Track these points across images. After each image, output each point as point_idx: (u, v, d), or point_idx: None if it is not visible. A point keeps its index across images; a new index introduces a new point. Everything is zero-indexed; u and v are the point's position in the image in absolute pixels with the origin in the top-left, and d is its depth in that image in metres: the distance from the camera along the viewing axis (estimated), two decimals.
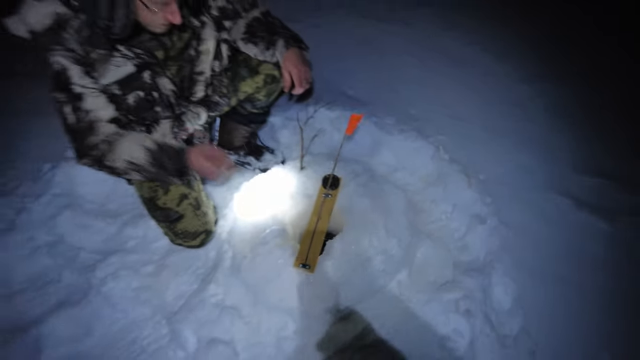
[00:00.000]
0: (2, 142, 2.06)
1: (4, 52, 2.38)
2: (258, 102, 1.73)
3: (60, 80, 1.13)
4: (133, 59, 1.21)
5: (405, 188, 1.89)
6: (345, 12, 2.79)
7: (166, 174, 1.26)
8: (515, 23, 2.61)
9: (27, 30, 1.06)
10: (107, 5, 0.98)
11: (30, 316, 1.55)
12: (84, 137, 1.20)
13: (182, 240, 1.58)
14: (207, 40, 1.39)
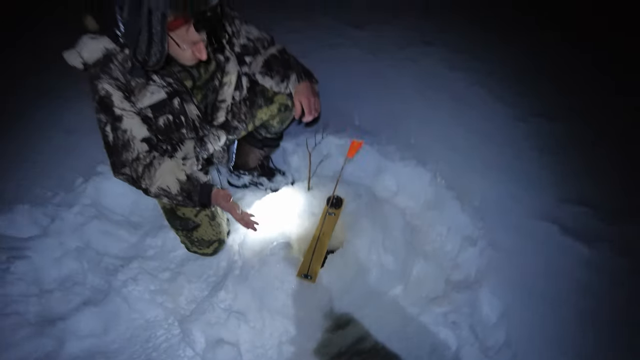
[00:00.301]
0: (44, 157, 2.29)
1: (60, 77, 2.66)
2: (272, 128, 1.93)
3: (104, 104, 1.33)
4: (165, 87, 1.41)
5: (405, 211, 2.03)
6: (358, 50, 3.01)
7: (191, 203, 1.45)
8: (517, 64, 2.79)
9: (81, 62, 1.28)
10: (145, 43, 1.19)
11: (57, 312, 1.71)
12: (120, 153, 1.39)
13: (197, 247, 1.74)
14: (230, 73, 1.60)
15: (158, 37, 1.19)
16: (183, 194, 1.43)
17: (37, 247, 1.88)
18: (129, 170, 1.41)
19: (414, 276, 1.76)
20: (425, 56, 2.87)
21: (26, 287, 1.75)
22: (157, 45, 1.21)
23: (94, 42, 1.29)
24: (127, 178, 1.44)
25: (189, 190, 1.43)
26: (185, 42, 1.25)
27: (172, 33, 1.21)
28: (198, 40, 1.26)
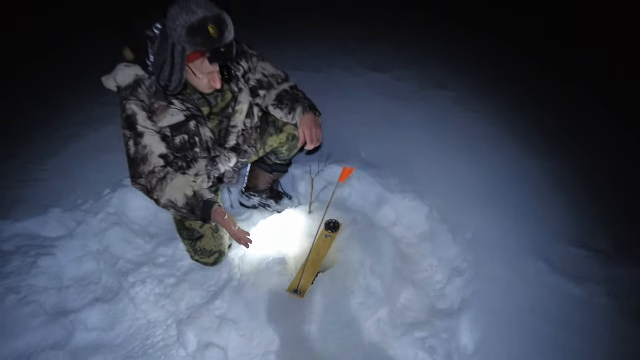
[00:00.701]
0: (79, 170, 2.56)
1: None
2: (281, 155, 2.11)
3: (130, 121, 1.55)
4: (184, 111, 1.62)
5: (401, 241, 2.13)
6: (373, 90, 3.21)
7: (194, 217, 1.62)
8: (522, 106, 2.91)
9: (115, 85, 1.52)
10: (168, 71, 1.41)
11: (72, 306, 1.88)
12: (139, 165, 1.59)
13: (200, 256, 1.90)
14: (242, 103, 1.80)
15: (178, 67, 1.41)
16: (187, 208, 1.60)
17: (63, 246, 2.09)
18: (144, 181, 1.60)
19: (401, 302, 1.83)
20: (437, 98, 3.03)
21: (48, 280, 1.94)
22: (178, 74, 1.43)
23: (127, 69, 1.52)
24: (142, 188, 1.63)
25: (192, 205, 1.60)
26: (201, 72, 1.47)
27: (191, 64, 1.43)
28: (212, 71, 1.47)
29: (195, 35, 1.32)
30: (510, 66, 3.53)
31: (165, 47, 1.41)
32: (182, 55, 1.39)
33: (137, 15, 4.41)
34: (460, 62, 3.59)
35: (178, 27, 1.32)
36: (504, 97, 3.05)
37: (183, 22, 1.31)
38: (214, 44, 1.37)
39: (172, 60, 1.41)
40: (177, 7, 1.33)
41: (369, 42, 4.01)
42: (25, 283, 1.90)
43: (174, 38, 1.36)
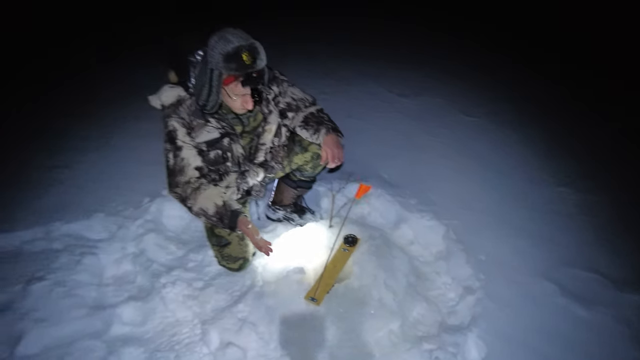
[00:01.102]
0: (121, 180, 2.81)
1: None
2: (306, 172, 2.26)
3: (171, 136, 1.75)
4: (219, 129, 1.81)
5: (417, 259, 2.22)
6: (400, 115, 3.36)
7: (222, 225, 1.78)
8: (545, 136, 2.97)
9: (159, 103, 1.73)
10: (206, 93, 1.61)
11: (109, 302, 2.06)
12: (176, 175, 1.78)
13: (226, 262, 2.06)
14: (271, 123, 1.98)
15: (215, 89, 1.62)
16: (217, 216, 1.77)
17: (104, 248, 2.30)
18: (180, 190, 1.78)
19: (413, 316, 1.91)
20: (459, 125, 3.14)
21: (90, 277, 2.15)
22: (214, 95, 1.63)
23: (171, 90, 1.74)
24: (177, 196, 1.81)
25: (221, 213, 1.76)
26: (235, 94, 1.65)
27: (226, 87, 1.62)
28: (244, 93, 1.65)
29: (231, 61, 1.52)
30: (534, 98, 3.60)
31: (204, 72, 1.62)
32: (219, 79, 1.59)
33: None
34: (487, 92, 3.69)
35: (216, 54, 1.52)
36: (524, 127, 3.12)
37: (220, 49, 1.51)
38: (246, 69, 1.56)
39: (210, 83, 1.61)
40: (216, 37, 1.54)
41: (398, 70, 4.17)
42: (70, 278, 2.10)
43: (213, 64, 1.56)
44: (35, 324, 1.91)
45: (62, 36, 5.71)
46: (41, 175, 2.93)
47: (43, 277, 2.09)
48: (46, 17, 6.43)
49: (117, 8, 6.87)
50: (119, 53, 5.07)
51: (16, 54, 5.22)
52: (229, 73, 1.56)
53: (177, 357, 1.81)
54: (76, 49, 5.33)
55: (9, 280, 2.12)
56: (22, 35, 5.83)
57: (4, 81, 4.41)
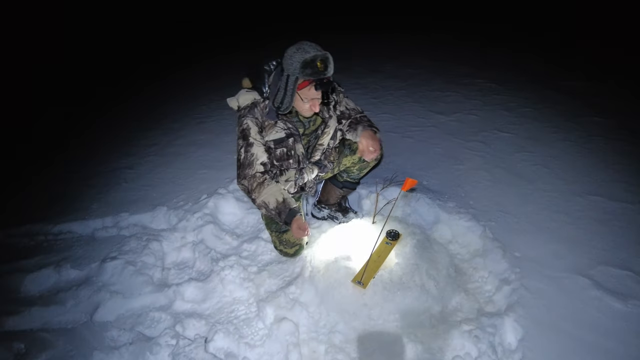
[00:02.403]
0: (181, 179, 3.11)
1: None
2: (352, 174, 2.47)
3: (244, 133, 2.00)
4: (285, 130, 2.05)
5: (455, 256, 2.36)
6: (438, 131, 3.55)
7: (279, 218, 2.00)
8: (579, 151, 3.09)
9: (237, 105, 2.00)
10: (281, 96, 1.87)
11: (172, 282, 2.29)
12: (245, 168, 2.01)
13: (283, 246, 2.27)
14: (330, 127, 2.21)
15: (290, 92, 1.87)
16: (276, 210, 1.99)
17: (167, 236, 2.55)
18: (247, 182, 2.01)
19: (452, 304, 2.04)
20: (495, 140, 3.30)
21: (155, 260, 2.39)
22: (288, 98, 1.89)
23: (247, 94, 2.01)
24: (244, 188, 2.04)
25: (280, 209, 1.98)
26: (306, 97, 1.89)
27: (300, 91, 1.87)
28: (315, 97, 1.89)
29: (307, 67, 1.76)
30: (562, 114, 3.74)
31: (280, 78, 1.88)
32: (295, 83, 1.83)
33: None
34: (522, 110, 3.85)
35: (294, 62, 1.77)
36: (559, 142, 3.25)
37: (299, 58, 1.76)
38: (319, 75, 1.80)
39: (285, 87, 1.86)
40: (294, 48, 1.80)
41: (437, 91, 4.40)
42: (139, 259, 2.36)
43: (289, 70, 1.81)
44: (111, 295, 2.16)
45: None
46: (109, 174, 3.27)
47: (116, 257, 2.35)
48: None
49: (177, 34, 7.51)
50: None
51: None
52: (304, 78, 1.80)
53: (235, 329, 1.99)
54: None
55: (87, 259, 2.40)
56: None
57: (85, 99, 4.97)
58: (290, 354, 1.84)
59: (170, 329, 1.95)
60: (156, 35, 7.66)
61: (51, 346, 1.89)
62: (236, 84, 2.07)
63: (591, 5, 7.15)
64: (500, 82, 4.53)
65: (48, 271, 2.33)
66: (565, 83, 4.40)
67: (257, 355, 1.87)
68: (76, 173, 3.38)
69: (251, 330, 2.00)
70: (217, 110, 4.30)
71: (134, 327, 2.04)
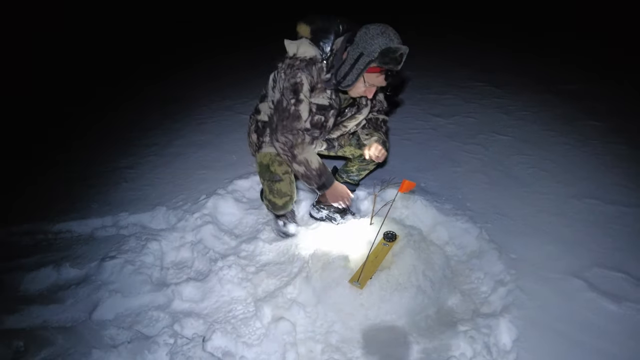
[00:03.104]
0: (181, 180, 3.13)
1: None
2: (351, 174, 2.49)
3: (296, 87, 1.86)
4: (329, 99, 1.99)
5: (452, 258, 2.37)
6: (436, 133, 3.57)
7: (317, 180, 1.98)
8: (576, 155, 3.11)
9: (294, 52, 1.90)
10: (345, 71, 1.81)
11: (170, 281, 2.31)
12: (293, 121, 1.91)
13: (273, 196, 2.19)
14: (362, 114, 2.17)
15: (357, 72, 1.79)
16: (317, 171, 1.96)
17: (166, 236, 2.56)
18: (291, 136, 1.92)
19: (448, 305, 2.06)
20: (494, 143, 3.32)
21: (153, 259, 2.40)
22: (353, 76, 1.81)
23: (309, 46, 1.90)
24: (286, 140, 1.92)
25: (321, 171, 1.97)
26: (370, 83, 1.85)
27: (367, 74, 1.81)
28: (380, 84, 1.85)
29: (387, 55, 1.69)
30: (561, 118, 3.76)
31: (352, 53, 1.79)
32: (367, 65, 1.75)
33: None
34: (520, 113, 3.87)
35: (375, 44, 1.68)
36: (556, 146, 3.28)
37: (382, 43, 1.67)
38: (395, 67, 1.75)
39: (354, 64, 1.78)
40: (378, 30, 1.70)
41: (435, 94, 4.43)
42: (138, 259, 2.37)
43: (366, 50, 1.72)
44: (110, 294, 2.17)
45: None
46: (109, 174, 3.29)
47: (115, 256, 2.37)
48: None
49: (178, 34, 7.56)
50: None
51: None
52: (380, 65, 1.73)
53: (233, 328, 2.01)
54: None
55: (86, 258, 2.42)
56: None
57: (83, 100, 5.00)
58: (287, 354, 1.85)
59: (168, 328, 1.97)
60: (156, 35, 7.67)
61: (50, 344, 1.90)
62: (237, 85, 2.08)
63: (591, 4, 7.18)
64: (499, 84, 4.55)
65: (47, 270, 2.34)
66: (563, 87, 4.42)
67: (255, 355, 1.88)
68: (76, 173, 3.39)
69: (249, 330, 2.01)
70: (218, 111, 4.32)
71: (133, 325, 2.05)
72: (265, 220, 2.68)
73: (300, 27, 1.97)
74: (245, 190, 2.96)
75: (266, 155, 2.23)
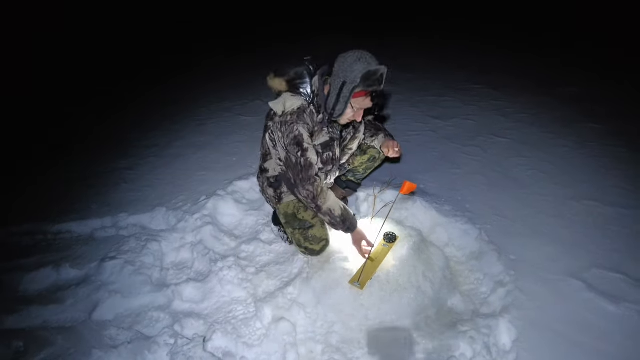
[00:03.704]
0: (181, 181, 3.14)
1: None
2: (358, 173, 2.52)
3: (298, 140, 1.93)
4: (329, 133, 2.05)
5: (452, 259, 2.39)
6: (435, 135, 3.58)
7: (342, 226, 2.05)
8: (575, 158, 3.13)
9: (282, 110, 1.95)
10: (333, 102, 1.85)
11: (170, 282, 2.31)
12: (307, 171, 1.97)
13: (309, 243, 2.20)
14: (360, 132, 2.23)
15: (344, 100, 1.84)
16: (341, 218, 2.03)
17: (166, 237, 2.56)
18: (312, 188, 1.98)
19: (448, 306, 2.07)
20: (492, 145, 3.34)
21: (153, 260, 2.41)
22: (342, 105, 1.86)
23: (293, 98, 1.95)
24: (308, 194, 1.99)
25: (345, 217, 2.03)
26: (357, 107, 1.89)
27: (354, 99, 1.85)
28: (368, 106, 1.89)
29: (369, 79, 1.75)
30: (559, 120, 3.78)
31: (334, 84, 1.83)
32: (352, 91, 1.80)
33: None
34: (519, 115, 3.89)
35: (355, 70, 1.73)
36: (554, 148, 3.29)
37: (361, 68, 1.73)
38: (379, 87, 1.81)
39: (339, 94, 1.83)
40: (354, 56, 1.76)
41: (434, 97, 4.44)
42: (138, 260, 2.37)
43: (348, 78, 1.77)
44: (110, 295, 2.17)
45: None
46: (109, 175, 3.29)
47: (115, 257, 2.37)
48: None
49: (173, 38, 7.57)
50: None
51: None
52: (364, 89, 1.79)
53: (233, 329, 2.01)
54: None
55: (86, 258, 2.42)
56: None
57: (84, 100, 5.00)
58: (287, 354, 1.86)
59: (168, 329, 1.97)
60: (155, 36, 7.68)
61: (50, 344, 1.90)
62: (237, 86, 2.09)
63: (591, 5, 7.22)
64: (498, 87, 4.56)
65: (47, 270, 2.34)
66: (562, 89, 4.44)
67: (255, 355, 1.89)
68: (76, 174, 3.40)
69: (249, 330, 2.02)
70: (217, 113, 4.33)
71: (133, 326, 2.05)
72: (265, 222, 2.69)
73: (274, 82, 2.02)
74: (245, 192, 2.96)
75: (289, 205, 2.27)
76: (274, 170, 2.25)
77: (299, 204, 2.23)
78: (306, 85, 1.96)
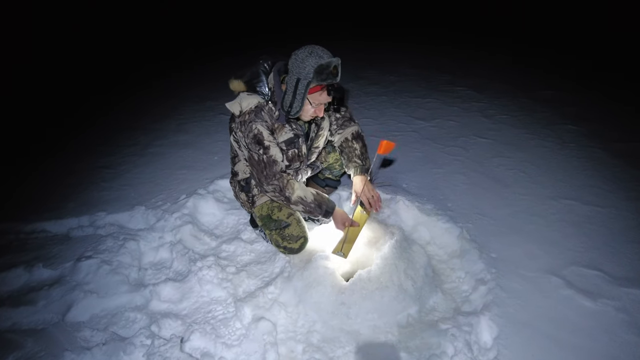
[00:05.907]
0: (161, 179, 3.07)
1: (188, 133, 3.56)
2: (334, 170, 2.50)
3: (258, 138, 1.94)
4: (292, 130, 2.04)
5: (433, 257, 2.39)
6: (418, 135, 3.60)
7: (318, 210, 2.03)
8: (555, 157, 3.18)
9: (239, 110, 1.95)
10: (290, 100, 1.83)
11: (148, 282, 2.25)
12: (272, 167, 1.97)
13: (287, 242, 2.19)
14: (324, 128, 2.21)
15: (300, 97, 1.83)
16: (315, 203, 2.02)
17: (144, 236, 2.50)
18: (277, 181, 1.98)
19: (430, 304, 2.06)
20: (474, 146, 3.37)
21: (131, 260, 2.35)
22: (299, 102, 1.85)
23: (249, 97, 1.96)
24: (275, 187, 2.00)
25: (319, 201, 2.02)
26: (315, 102, 1.88)
27: (310, 95, 1.84)
28: (324, 102, 1.89)
29: (322, 72, 1.74)
30: (539, 121, 3.84)
31: (289, 82, 1.83)
32: (306, 87, 1.79)
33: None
34: (500, 116, 3.94)
35: (307, 66, 1.73)
36: (535, 148, 3.34)
37: (313, 62, 1.73)
38: (333, 80, 1.79)
39: (295, 91, 1.82)
40: (305, 51, 1.76)
41: (417, 98, 4.47)
42: (115, 259, 2.31)
43: (301, 74, 1.76)
44: (85, 295, 2.11)
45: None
46: (87, 174, 3.21)
47: (91, 257, 2.30)
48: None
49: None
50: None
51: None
52: (319, 83, 1.77)
53: (212, 329, 1.97)
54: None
55: (61, 258, 2.35)
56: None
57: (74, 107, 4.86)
58: (267, 354, 1.82)
59: (145, 329, 1.92)
60: (146, 39, 7.60)
61: (18, 347, 1.82)
62: (220, 88, 2.06)
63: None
64: (480, 89, 4.63)
65: (18, 270, 2.26)
66: (541, 92, 4.53)
67: (234, 355, 1.84)
68: (53, 172, 3.31)
69: (228, 330, 1.98)
70: (200, 112, 4.28)
71: (108, 327, 1.99)
72: (246, 221, 2.65)
73: (233, 85, 2.02)
74: (227, 191, 2.92)
75: (263, 207, 2.26)
76: (243, 173, 2.25)
77: (272, 205, 2.22)
78: (262, 84, 1.96)
